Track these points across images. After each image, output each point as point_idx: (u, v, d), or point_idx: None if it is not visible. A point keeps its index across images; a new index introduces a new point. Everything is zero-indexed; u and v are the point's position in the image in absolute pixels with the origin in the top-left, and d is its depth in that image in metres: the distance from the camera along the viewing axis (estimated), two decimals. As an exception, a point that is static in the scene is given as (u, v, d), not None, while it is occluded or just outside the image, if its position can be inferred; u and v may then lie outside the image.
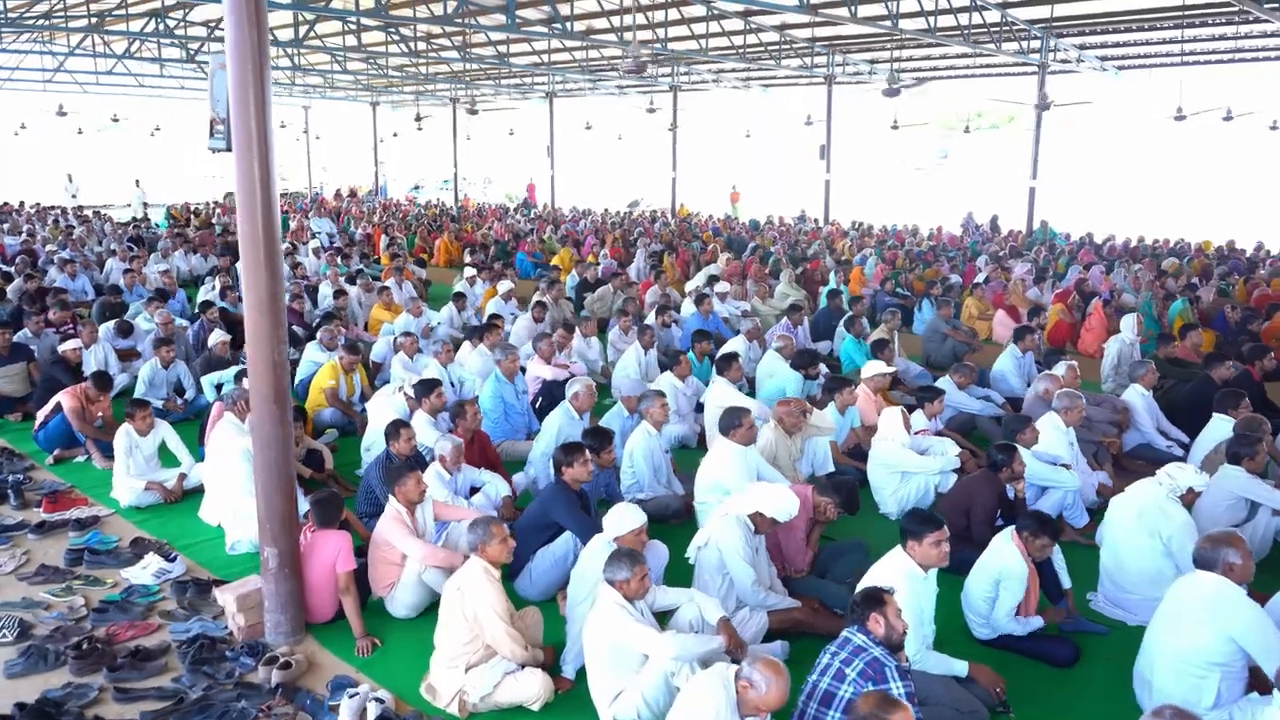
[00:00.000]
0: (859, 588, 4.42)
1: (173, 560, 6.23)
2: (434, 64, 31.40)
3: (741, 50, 24.71)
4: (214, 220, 29.25)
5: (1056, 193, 32.18)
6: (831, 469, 7.48)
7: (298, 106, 44.75)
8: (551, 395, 9.28)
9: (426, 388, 7.69)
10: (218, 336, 10.28)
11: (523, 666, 4.81)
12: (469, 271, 15.68)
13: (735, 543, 5.28)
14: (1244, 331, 12.39)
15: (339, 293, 13.45)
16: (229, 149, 5.02)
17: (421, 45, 26.14)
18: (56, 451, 8.50)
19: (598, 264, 19.24)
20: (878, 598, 4.07)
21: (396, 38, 25.17)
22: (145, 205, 34.52)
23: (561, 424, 7.51)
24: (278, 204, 5.06)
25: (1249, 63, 25.33)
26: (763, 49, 25.64)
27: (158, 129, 43.50)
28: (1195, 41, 23.40)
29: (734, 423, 6.52)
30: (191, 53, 26.39)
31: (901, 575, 4.64)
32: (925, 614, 4.77)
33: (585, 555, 5.20)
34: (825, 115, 28.59)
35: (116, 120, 42.64)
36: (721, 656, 4.45)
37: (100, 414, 8.63)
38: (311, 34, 23.53)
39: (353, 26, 23.36)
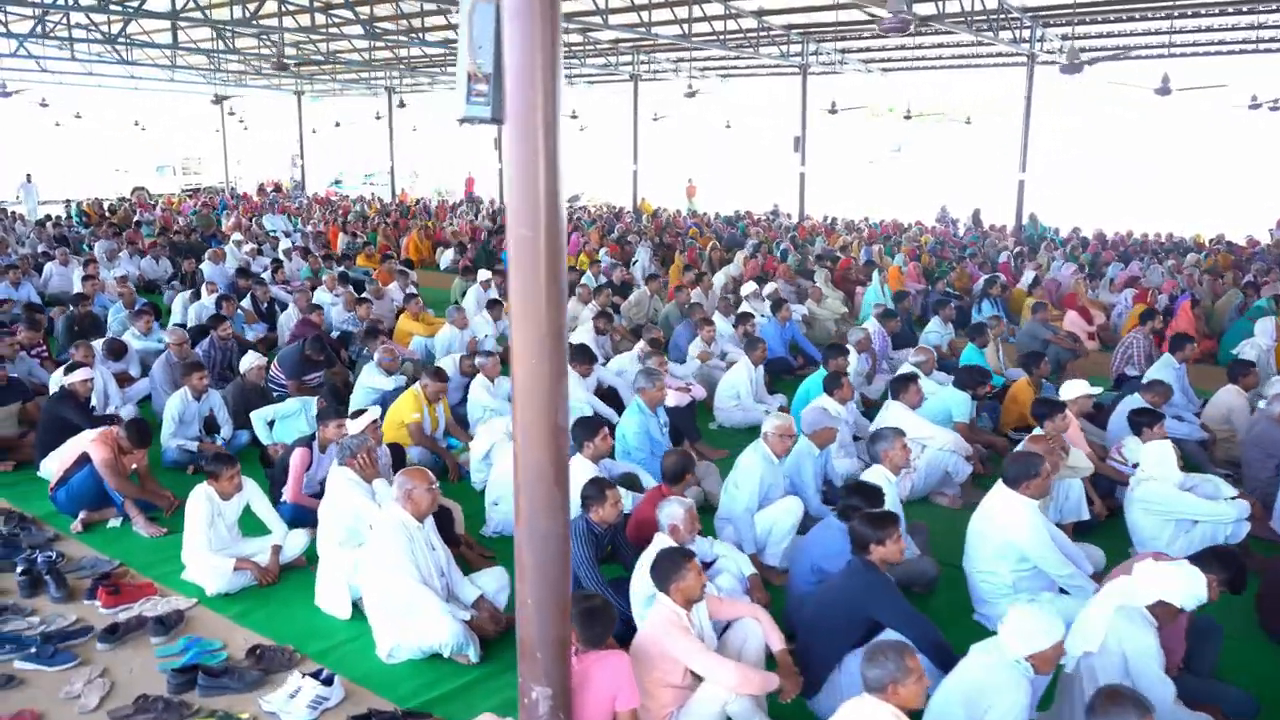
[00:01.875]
0: None
1: (329, 683, 4.59)
2: (375, 49, 29.36)
3: (722, 36, 23.47)
4: (139, 218, 26.54)
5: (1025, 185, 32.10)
6: (1086, 516, 6.25)
7: (212, 97, 41.75)
8: (673, 425, 7.86)
9: (589, 429, 6.15)
10: (252, 361, 8.48)
11: None
12: (484, 274, 13.98)
13: (1149, 645, 3.99)
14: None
15: (359, 300, 11.64)
16: (496, 120, 3.47)
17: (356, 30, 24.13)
18: (83, 514, 6.67)
19: (597, 262, 17.76)
20: None
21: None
22: (39, 203, 31.16)
23: (763, 471, 6.08)
24: (563, 205, 3.53)
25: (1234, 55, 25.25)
26: (741, 36, 24.45)
27: (57, 124, 39.95)
28: (1181, 33, 23.16)
29: (1029, 472, 5.21)
30: (111, 34, 23.81)
31: None
32: None
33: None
34: (800, 105, 27.54)
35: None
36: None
37: (133, 465, 6.84)
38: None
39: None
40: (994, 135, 31.85)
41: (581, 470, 6.10)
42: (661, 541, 4.95)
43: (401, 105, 35.66)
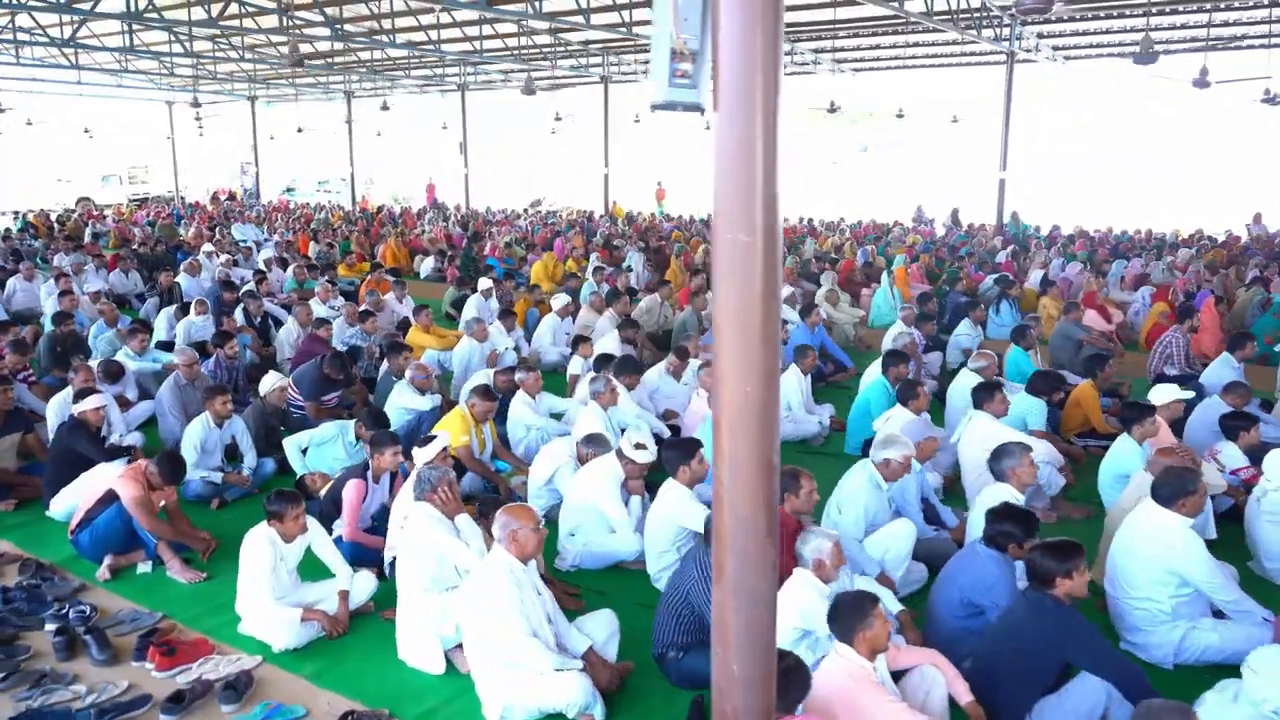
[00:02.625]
0: None
1: (448, 756, 4.02)
2: (336, 51, 28.51)
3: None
4: (95, 230, 25.36)
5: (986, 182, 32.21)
6: (1214, 535, 5.86)
7: (160, 104, 40.41)
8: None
9: (685, 451, 5.63)
10: (274, 382, 7.82)
11: None
12: (485, 283, 13.35)
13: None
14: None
15: (365, 313, 10.96)
16: (696, 108, 2.95)
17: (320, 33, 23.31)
18: (109, 560, 5.97)
19: (601, 268, 17.29)
20: None
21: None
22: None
23: (869, 496, 5.61)
24: (780, 205, 3.01)
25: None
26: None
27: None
28: (1159, 30, 23.26)
29: (1185, 489, 4.81)
30: (62, 38, 22.72)
31: None
32: None
33: None
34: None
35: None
36: None
37: (161, 502, 6.17)
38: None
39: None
40: (963, 135, 31.93)
41: (679, 496, 5.61)
42: (805, 580, 4.46)
43: (384, 108, 34.39)
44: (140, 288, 16.17)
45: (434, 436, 5.75)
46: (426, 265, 19.59)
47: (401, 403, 7.87)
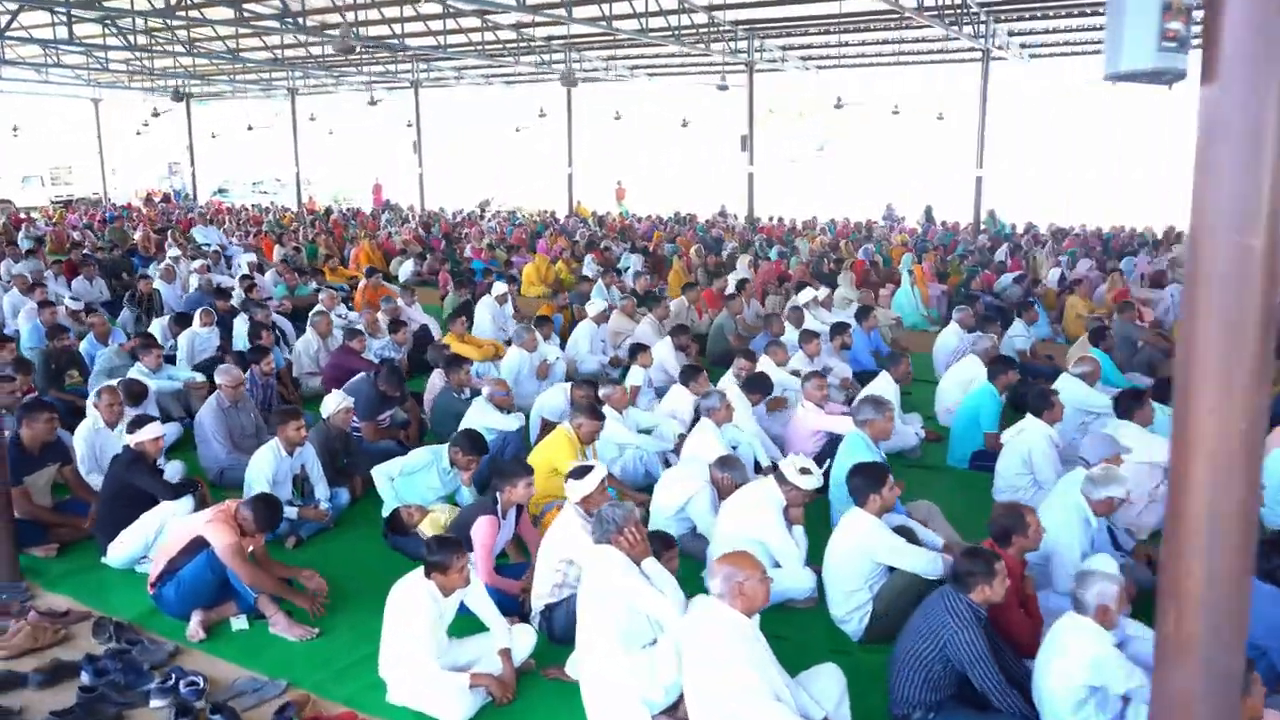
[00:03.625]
0: None
1: None
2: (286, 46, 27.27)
3: (677, 32, 22.50)
4: (30, 234, 23.67)
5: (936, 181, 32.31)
6: None
7: (85, 100, 38.34)
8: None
9: (874, 478, 5.05)
10: (338, 403, 7.01)
11: None
12: (500, 287, 12.59)
13: None
14: None
15: (396, 323, 10.15)
16: (1179, 76, 2.38)
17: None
18: (199, 616, 5.15)
19: (619, 271, 16.68)
20: None
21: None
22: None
23: (1080, 532, 5.11)
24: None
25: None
26: (694, 31, 23.54)
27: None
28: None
29: None
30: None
31: None
32: None
33: None
34: (748, 104, 26.85)
35: None
36: None
37: (249, 548, 5.36)
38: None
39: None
40: (922, 132, 32.08)
41: (869, 527, 5.03)
42: (1088, 629, 3.92)
43: (373, 103, 32.69)
44: (105, 295, 14.99)
45: (590, 467, 5.07)
46: (405, 269, 18.61)
47: (484, 422, 7.12)
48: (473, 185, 40.63)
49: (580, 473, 5.04)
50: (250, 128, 36.12)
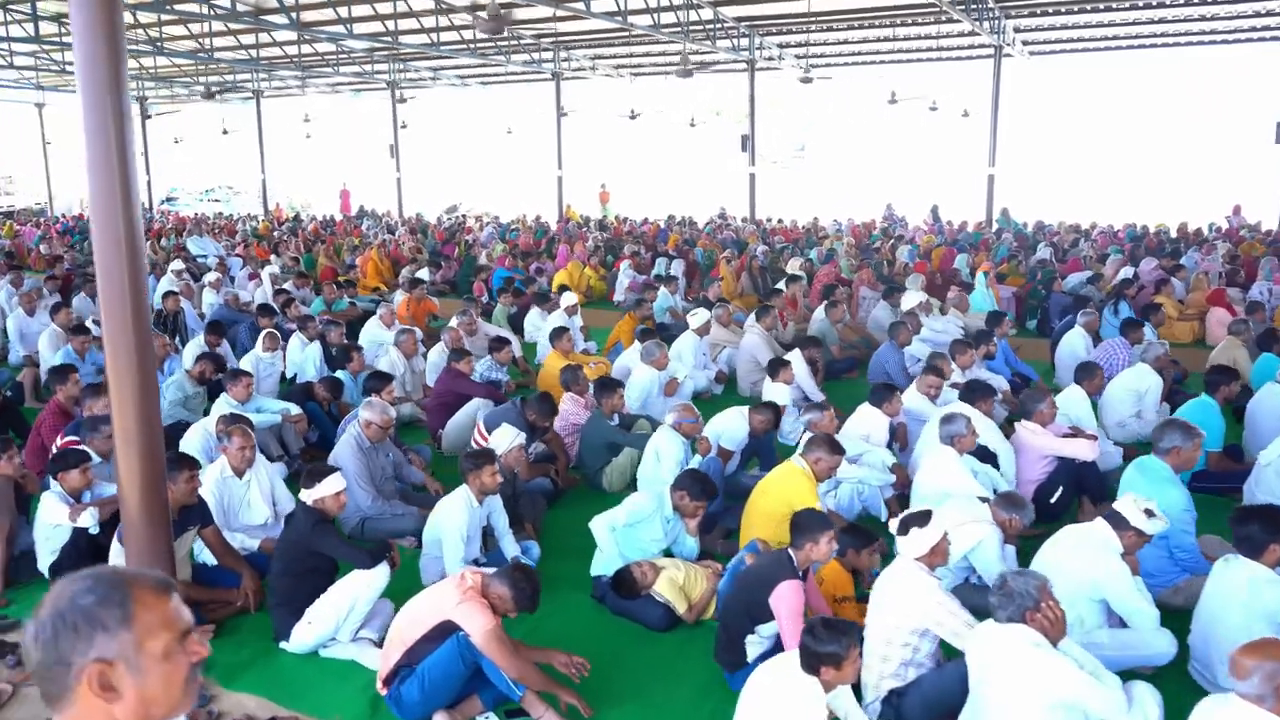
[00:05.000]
0: None
1: None
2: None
3: (686, 28, 21.68)
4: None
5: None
6: None
7: (30, 105, 36.15)
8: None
9: (1276, 524, 4.24)
10: (511, 439, 5.99)
11: None
12: (570, 298, 11.59)
13: None
14: None
15: (500, 340, 9.11)
16: None
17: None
18: (442, 718, 4.15)
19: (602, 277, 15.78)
20: None
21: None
22: None
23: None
24: None
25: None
26: (701, 27, 22.75)
27: None
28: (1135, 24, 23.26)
29: None
30: None
31: None
32: None
33: None
34: (749, 102, 26.14)
35: None
36: None
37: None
38: None
39: None
40: (913, 130, 31.77)
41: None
42: None
43: (402, 101, 30.96)
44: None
45: (929, 512, 4.20)
46: (405, 278, 17.42)
47: (673, 454, 6.18)
48: (449, 190, 39.25)
49: (921, 519, 4.16)
50: (226, 131, 34.27)
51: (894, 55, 27.17)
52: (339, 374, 8.48)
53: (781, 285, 14.43)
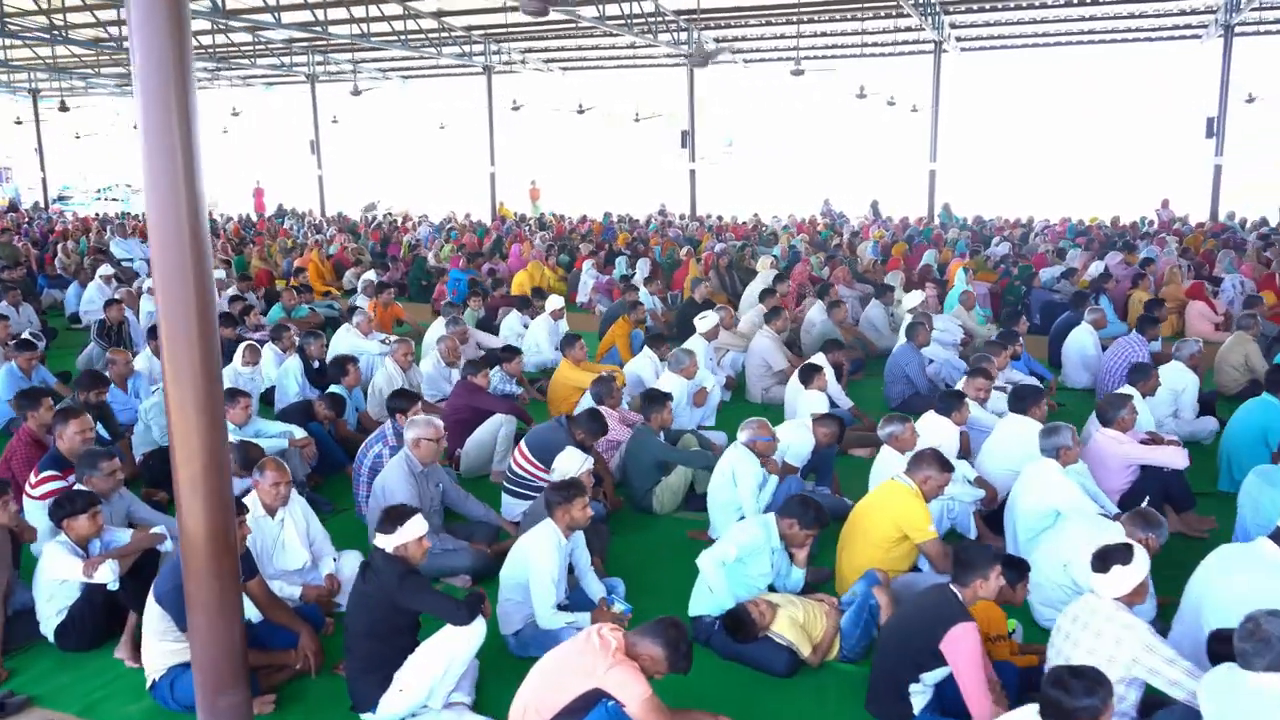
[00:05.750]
0: None
1: None
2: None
3: (629, 20, 21.16)
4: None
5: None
6: None
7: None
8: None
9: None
10: (579, 463, 5.40)
11: None
12: (555, 302, 10.98)
13: None
14: None
15: (510, 349, 8.44)
16: None
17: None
18: (591, 803, 3.58)
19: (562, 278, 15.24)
20: None
21: None
22: None
23: None
24: None
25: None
26: (643, 20, 22.24)
27: None
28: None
29: None
30: None
31: None
32: None
33: None
34: (689, 97, 25.76)
35: None
36: None
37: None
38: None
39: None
40: (842, 126, 31.90)
41: None
42: None
43: (357, 93, 29.21)
44: (36, 324, 12.44)
45: (1130, 545, 3.79)
46: (366, 281, 16.52)
47: (752, 476, 5.69)
48: (375, 188, 37.82)
49: (1124, 555, 3.77)
50: (136, 126, 32.09)
51: (831, 51, 27.10)
52: (335, 389, 7.73)
53: (757, 284, 14.11)
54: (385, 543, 4.26)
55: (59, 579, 4.76)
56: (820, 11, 22.65)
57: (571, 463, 5.43)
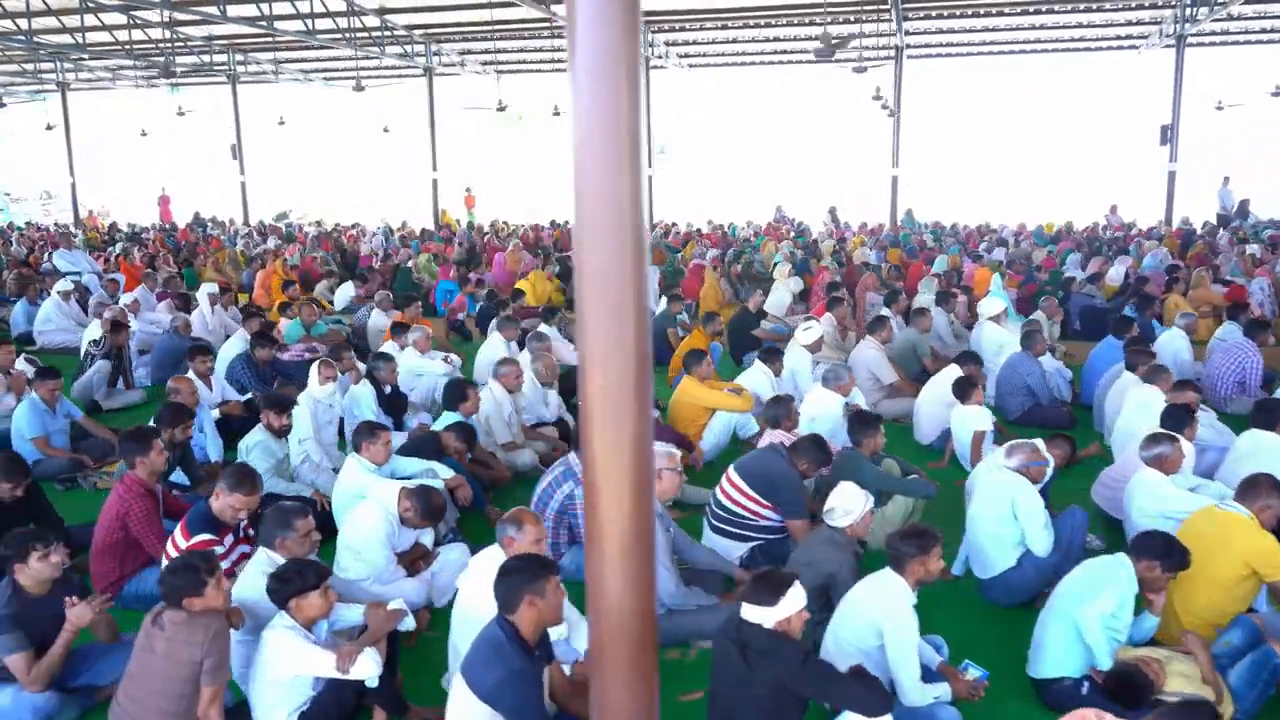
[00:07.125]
0: None
1: None
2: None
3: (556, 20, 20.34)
4: None
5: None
6: None
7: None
8: None
9: None
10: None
11: None
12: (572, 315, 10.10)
13: None
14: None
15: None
16: None
17: None
18: None
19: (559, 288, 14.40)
20: None
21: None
22: None
23: None
24: None
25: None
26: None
27: None
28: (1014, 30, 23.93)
29: None
30: None
31: None
32: None
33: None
34: (644, 100, 24.99)
35: None
36: None
37: None
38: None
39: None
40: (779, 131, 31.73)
41: None
42: None
43: (341, 93, 27.20)
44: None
45: None
46: (344, 293, 15.25)
47: (1039, 510, 5.03)
48: (307, 195, 35.68)
49: None
50: (50, 127, 29.42)
51: (781, 56, 26.87)
52: (455, 417, 6.75)
53: (779, 289, 13.63)
54: (763, 616, 3.42)
55: (297, 675, 3.74)
56: (777, 16, 22.38)
57: (854, 501, 4.67)
